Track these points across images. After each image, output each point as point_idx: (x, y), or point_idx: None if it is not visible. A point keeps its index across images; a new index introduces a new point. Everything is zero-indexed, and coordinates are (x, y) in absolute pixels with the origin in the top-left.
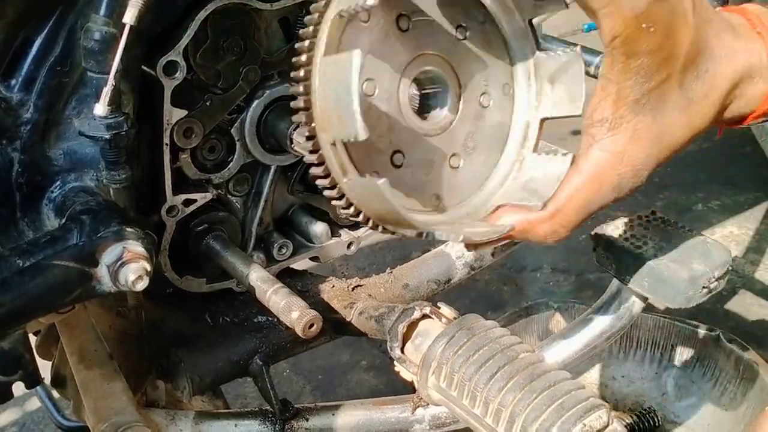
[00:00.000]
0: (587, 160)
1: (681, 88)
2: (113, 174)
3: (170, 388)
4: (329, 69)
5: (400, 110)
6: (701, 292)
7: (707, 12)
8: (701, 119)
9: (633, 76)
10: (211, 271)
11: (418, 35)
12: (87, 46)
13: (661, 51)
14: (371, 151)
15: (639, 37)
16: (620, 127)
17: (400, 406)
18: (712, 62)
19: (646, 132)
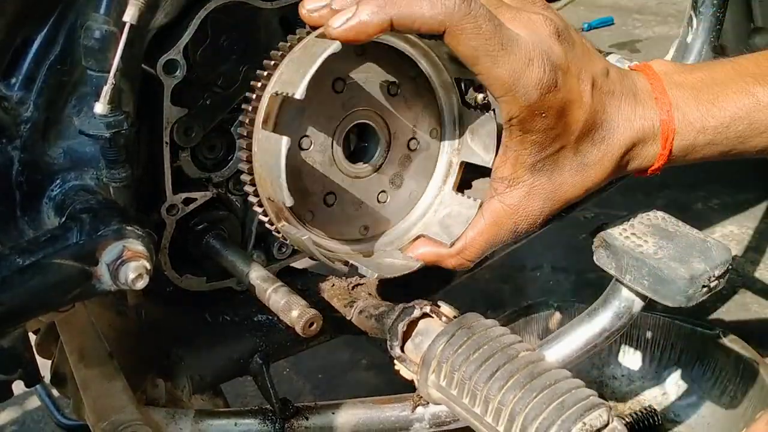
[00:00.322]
0: (489, 209)
1: (576, 154)
2: (113, 173)
3: (170, 386)
4: (264, 143)
5: (333, 160)
6: (701, 291)
7: (612, 84)
8: (593, 179)
9: (528, 146)
10: (211, 270)
11: (352, 95)
12: (87, 45)
13: (554, 129)
14: (306, 194)
15: (532, 119)
16: (517, 185)
17: (400, 404)
18: (608, 132)
19: (541, 190)
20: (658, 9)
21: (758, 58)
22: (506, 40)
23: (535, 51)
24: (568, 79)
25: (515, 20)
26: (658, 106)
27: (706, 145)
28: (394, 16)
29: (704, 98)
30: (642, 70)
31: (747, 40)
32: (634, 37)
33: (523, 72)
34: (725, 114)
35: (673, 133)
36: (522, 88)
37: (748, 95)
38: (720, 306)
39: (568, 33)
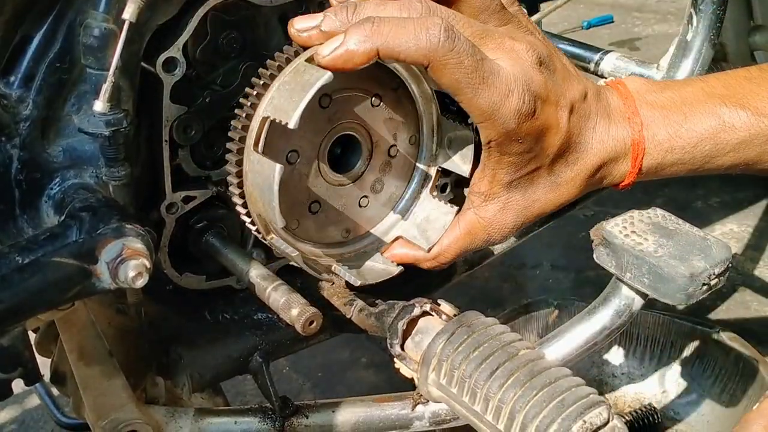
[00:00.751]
0: (464, 219)
1: (550, 174)
2: (113, 171)
3: (170, 385)
4: (256, 165)
5: (318, 171)
6: (701, 289)
7: (588, 107)
8: (566, 195)
9: (505, 167)
10: (211, 268)
11: (337, 109)
12: (86, 43)
13: (530, 153)
14: (292, 203)
15: (510, 144)
16: (492, 200)
17: (400, 403)
18: (581, 153)
19: (515, 205)
20: (658, 7)
21: (727, 79)
22: (487, 73)
23: (516, 82)
24: (546, 108)
25: (499, 49)
26: (630, 125)
27: (674, 163)
28: (380, 47)
29: (673, 118)
30: (616, 88)
31: (747, 38)
32: (634, 35)
33: (502, 102)
34: (692, 135)
35: (642, 152)
36: (500, 116)
37: (714, 116)
38: (720, 304)
39: (550, 60)
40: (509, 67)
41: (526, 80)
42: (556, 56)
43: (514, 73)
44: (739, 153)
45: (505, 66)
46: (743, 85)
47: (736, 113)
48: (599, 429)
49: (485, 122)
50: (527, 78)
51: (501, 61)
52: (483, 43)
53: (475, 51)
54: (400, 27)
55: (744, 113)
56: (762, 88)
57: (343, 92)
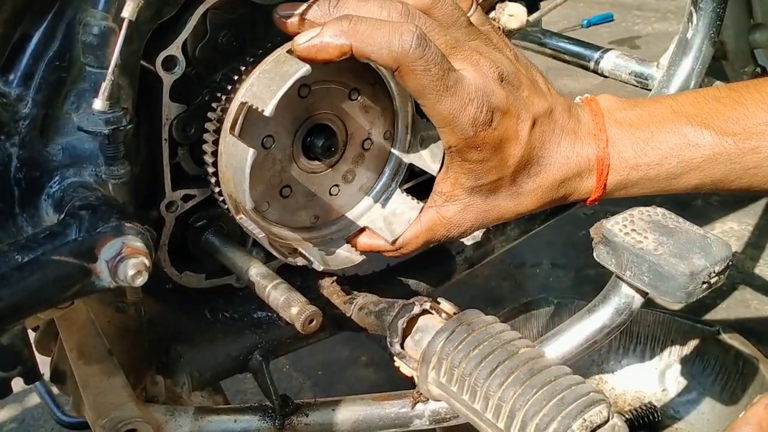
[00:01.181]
0: (426, 216)
1: (512, 184)
2: (112, 169)
3: (170, 383)
4: (231, 147)
5: (292, 157)
6: (701, 288)
7: (554, 123)
8: (526, 206)
9: (467, 172)
10: (211, 267)
11: (315, 100)
12: (85, 41)
13: (490, 162)
14: (264, 186)
15: (469, 151)
16: (454, 202)
17: (400, 401)
18: (543, 167)
19: (475, 208)
20: (658, 5)
21: (696, 98)
22: (452, 82)
23: (477, 93)
24: (505, 120)
25: (466, 61)
26: (595, 142)
27: (640, 180)
28: (354, 44)
29: (639, 136)
30: (588, 105)
31: (747, 36)
32: (634, 33)
33: (461, 110)
34: (657, 152)
35: (607, 168)
36: (459, 124)
37: (680, 135)
38: (720, 303)
39: (514, 77)
40: (472, 78)
41: (486, 92)
42: (524, 73)
43: (476, 84)
44: (705, 172)
45: (468, 77)
46: (711, 105)
47: (700, 132)
48: (599, 427)
49: (445, 128)
50: (489, 90)
51: (465, 72)
52: (452, 53)
53: (443, 60)
54: (375, 28)
55: (708, 132)
56: (728, 108)
57: (322, 84)
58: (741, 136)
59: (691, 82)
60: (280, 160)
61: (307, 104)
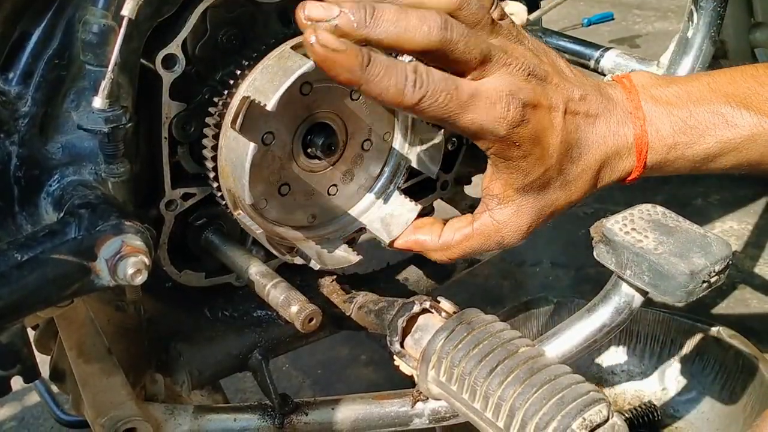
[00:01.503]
0: (479, 220)
1: (560, 174)
2: (112, 168)
3: (169, 382)
4: (232, 142)
5: (292, 155)
6: (701, 287)
7: (587, 106)
8: (577, 193)
9: (513, 172)
10: (210, 266)
11: (317, 98)
12: (85, 39)
13: (532, 155)
14: (263, 183)
15: (509, 149)
16: (507, 204)
17: (399, 400)
18: (584, 149)
19: (529, 208)
20: (659, 4)
21: (734, 76)
22: (465, 98)
23: (500, 93)
24: (538, 113)
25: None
26: (632, 121)
27: (677, 159)
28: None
29: (677, 114)
30: (621, 83)
31: (747, 35)
32: (634, 32)
33: (486, 116)
34: (695, 131)
35: (646, 146)
36: (488, 128)
37: (718, 115)
38: (720, 302)
39: (540, 68)
40: (497, 80)
41: (513, 90)
42: (547, 61)
43: (499, 86)
44: (742, 153)
45: (490, 81)
46: (748, 83)
47: (739, 112)
48: (599, 426)
49: (475, 136)
50: (515, 88)
51: (490, 77)
52: (487, 60)
53: (447, 84)
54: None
55: (747, 113)
56: (765, 87)
57: (324, 82)
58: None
59: None
60: (280, 157)
61: (308, 102)
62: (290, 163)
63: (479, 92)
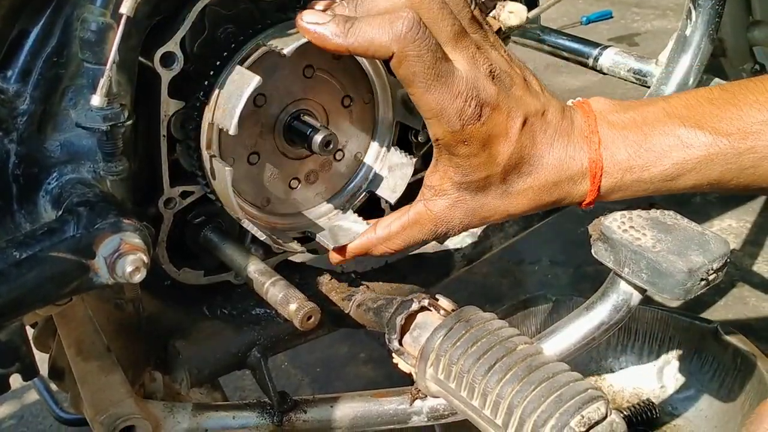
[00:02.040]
0: (414, 209)
1: (502, 183)
2: (110, 165)
3: (168, 380)
4: (237, 76)
5: (273, 128)
6: (700, 284)
7: (547, 124)
8: (516, 207)
9: (455, 167)
10: (209, 264)
11: (315, 85)
12: (83, 37)
13: (478, 157)
14: (237, 143)
15: (456, 145)
16: (442, 196)
17: (398, 398)
18: (535, 167)
19: (463, 204)
20: (657, 2)
21: (688, 99)
22: (443, 72)
23: (467, 86)
24: (495, 116)
25: (465, 51)
26: (587, 145)
27: (634, 182)
28: (351, 44)
29: (632, 138)
30: (581, 108)
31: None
32: (633, 30)
33: (450, 102)
34: (651, 155)
35: (600, 170)
36: (446, 116)
37: (673, 137)
38: (718, 299)
39: (507, 75)
40: (464, 71)
41: (477, 86)
42: (518, 73)
43: (468, 77)
44: (701, 173)
45: (461, 69)
46: (704, 107)
47: (694, 133)
48: (597, 424)
49: (432, 119)
50: (479, 85)
51: (459, 64)
52: (456, 41)
53: (437, 49)
54: (372, 23)
55: (702, 133)
56: (721, 109)
57: (325, 72)
58: (736, 136)
59: (690, 79)
60: (263, 124)
61: (305, 86)
62: (268, 136)
63: (453, 75)
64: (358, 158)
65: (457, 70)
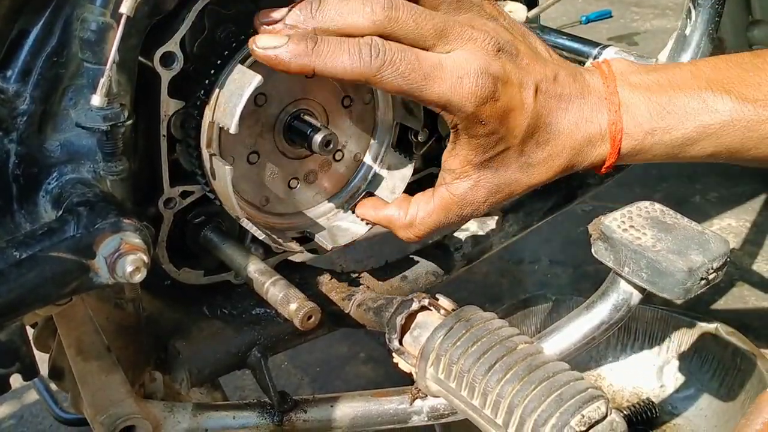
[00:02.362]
0: (437, 195)
1: (521, 155)
2: (110, 165)
3: (168, 380)
4: (237, 75)
5: (273, 128)
6: (700, 284)
7: (560, 88)
8: (538, 178)
9: (474, 148)
10: (209, 264)
11: (315, 84)
12: (83, 37)
13: (496, 134)
14: (237, 142)
15: (474, 127)
16: (463, 179)
17: (398, 397)
18: (552, 134)
19: (486, 183)
20: (657, 2)
21: (717, 63)
22: (429, 69)
23: (468, 68)
24: (508, 89)
25: (460, 38)
26: (606, 107)
27: (654, 145)
28: (317, 66)
29: (656, 100)
30: (599, 69)
31: (745, 33)
32: (632, 29)
33: (453, 90)
34: (673, 117)
35: (620, 132)
36: (455, 103)
37: (698, 99)
38: (718, 299)
39: (512, 45)
40: (463, 54)
41: (481, 65)
42: (521, 40)
43: (467, 59)
44: (721, 139)
45: (457, 55)
46: (732, 70)
47: (719, 97)
48: (597, 423)
49: (442, 111)
50: (484, 63)
51: (456, 51)
52: (443, 35)
53: (406, 54)
54: (336, 49)
55: (728, 98)
56: (750, 74)
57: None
58: (761, 102)
59: None
60: (263, 124)
61: (305, 84)
62: (268, 135)
63: (444, 65)
64: (358, 159)
65: (450, 57)
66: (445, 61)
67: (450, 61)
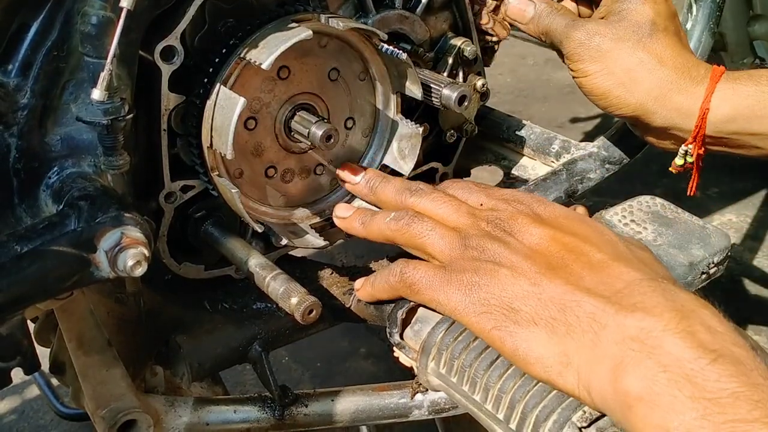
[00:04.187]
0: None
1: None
2: (111, 159)
3: (169, 374)
4: (223, 99)
5: (274, 129)
6: (700, 278)
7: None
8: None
9: None
10: (210, 258)
11: (294, 80)
12: (84, 31)
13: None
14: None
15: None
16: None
17: (399, 392)
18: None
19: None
20: None
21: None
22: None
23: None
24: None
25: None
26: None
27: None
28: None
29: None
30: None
31: (746, 28)
32: None
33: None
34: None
35: (721, 72)
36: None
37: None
38: (718, 294)
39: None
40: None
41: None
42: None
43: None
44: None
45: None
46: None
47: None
48: (599, 419)
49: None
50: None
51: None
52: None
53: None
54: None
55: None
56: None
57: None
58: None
59: None
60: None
61: (287, 85)
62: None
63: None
64: (366, 135)
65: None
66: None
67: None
